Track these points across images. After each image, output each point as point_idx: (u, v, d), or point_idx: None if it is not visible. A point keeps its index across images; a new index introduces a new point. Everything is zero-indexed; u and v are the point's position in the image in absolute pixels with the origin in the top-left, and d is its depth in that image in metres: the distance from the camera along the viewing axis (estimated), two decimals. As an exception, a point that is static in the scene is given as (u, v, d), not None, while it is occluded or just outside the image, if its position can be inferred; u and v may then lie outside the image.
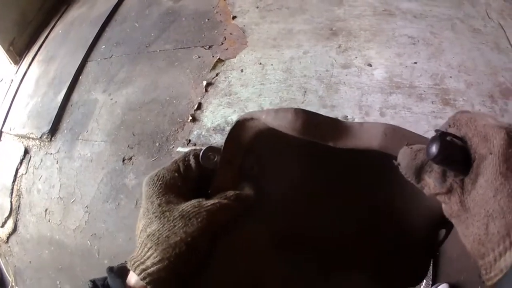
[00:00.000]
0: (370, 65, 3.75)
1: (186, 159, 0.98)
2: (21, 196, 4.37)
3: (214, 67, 4.09)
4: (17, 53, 5.64)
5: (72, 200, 3.95)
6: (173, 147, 3.71)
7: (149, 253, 0.80)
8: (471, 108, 3.45)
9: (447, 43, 3.94)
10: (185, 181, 0.96)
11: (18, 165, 4.53)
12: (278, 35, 4.23)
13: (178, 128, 3.80)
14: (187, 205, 0.86)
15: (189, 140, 3.67)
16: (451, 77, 3.60)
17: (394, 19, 4.22)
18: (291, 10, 4.46)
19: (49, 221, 4.04)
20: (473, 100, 3.50)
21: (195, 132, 3.71)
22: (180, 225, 0.82)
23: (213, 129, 3.68)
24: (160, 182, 0.92)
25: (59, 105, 4.54)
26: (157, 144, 3.78)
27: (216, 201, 0.88)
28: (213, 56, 4.20)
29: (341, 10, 4.38)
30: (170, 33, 4.64)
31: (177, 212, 0.85)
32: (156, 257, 0.79)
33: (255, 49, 4.15)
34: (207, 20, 4.61)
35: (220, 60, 4.12)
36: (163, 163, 3.51)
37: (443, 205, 0.75)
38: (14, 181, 4.49)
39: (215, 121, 3.73)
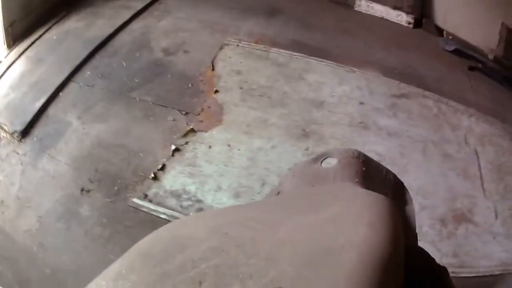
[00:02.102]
0: (331, 173, 3.93)
1: None
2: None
3: (185, 135, 4.28)
4: (13, 37, 5.63)
5: (29, 205, 4.01)
6: (130, 196, 3.86)
7: None
8: (419, 229, 3.47)
9: (413, 166, 4.13)
10: None
11: (-16, 148, 4.54)
12: (253, 122, 4.43)
13: (138, 181, 3.96)
14: None
15: (146, 195, 3.84)
16: (405, 198, 3.77)
17: (368, 133, 4.40)
18: (272, 101, 4.67)
19: (3, 213, 4.08)
20: (422, 222, 3.63)
21: (153, 190, 3.88)
22: None
23: (170, 193, 3.87)
24: None
25: (35, 112, 4.61)
26: (116, 188, 3.93)
27: None
28: (187, 124, 4.38)
29: (319, 113, 4.57)
30: (153, 85, 4.79)
31: None
32: None
33: (228, 130, 4.35)
34: (190, 85, 4.79)
35: (192, 130, 4.31)
36: (118, 207, 3.65)
37: None
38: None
39: (174, 186, 3.91)
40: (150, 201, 3.82)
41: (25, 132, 4.50)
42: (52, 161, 4.20)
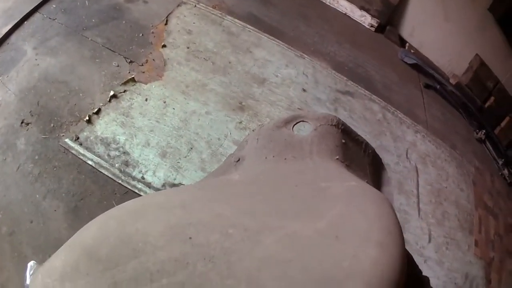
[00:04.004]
0: (260, 151, 3.75)
1: None
2: None
3: (125, 83, 4.04)
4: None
5: None
6: (63, 135, 3.63)
7: None
8: None
9: None
10: None
11: None
12: (192, 84, 4.21)
13: (73, 121, 3.73)
14: None
15: (78, 137, 3.63)
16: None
17: None
18: (215, 67, 4.43)
19: None
20: None
21: (85, 133, 3.67)
22: None
23: (100, 139, 3.66)
24: None
25: (0, 37, 4.32)
26: (51, 125, 3.70)
27: None
28: (129, 72, 4.15)
29: (259, 90, 4.35)
30: (107, 28, 4.51)
31: None
32: None
33: (167, 86, 4.13)
34: (141, 35, 4.53)
35: (133, 80, 4.08)
36: (51, 145, 3.40)
37: None
38: None
39: (105, 133, 3.71)
40: (80, 144, 3.60)
41: (-13, 57, 4.24)
42: (2, 89, 3.94)
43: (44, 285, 1.05)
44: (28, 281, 1.17)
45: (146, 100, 3.95)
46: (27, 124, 3.67)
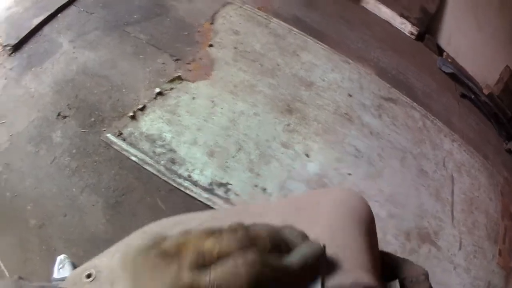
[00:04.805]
0: (307, 155, 3.69)
1: None
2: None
3: (171, 81, 3.88)
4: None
5: (2, 122, 3.53)
6: (105, 130, 3.44)
7: None
8: (382, 235, 3.39)
9: (389, 170, 3.87)
10: None
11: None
12: (240, 85, 4.07)
13: (116, 116, 3.55)
14: None
15: (121, 133, 3.44)
16: (376, 201, 3.55)
17: (351, 126, 4.10)
18: (263, 69, 4.31)
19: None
20: (387, 230, 3.46)
21: (129, 129, 3.48)
22: None
23: (145, 136, 3.47)
24: None
25: (31, 28, 4.13)
26: (92, 119, 3.51)
27: None
28: (175, 70, 3.99)
29: (307, 93, 4.25)
30: (150, 25, 4.35)
31: None
32: None
33: (215, 85, 3.97)
34: (187, 33, 4.38)
35: (179, 78, 3.92)
36: (91, 139, 3.23)
37: None
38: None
39: (151, 130, 3.52)
40: (124, 139, 3.41)
41: (17, 47, 4.01)
42: (36, 80, 3.73)
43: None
44: (55, 275, 1.13)
45: (194, 98, 3.79)
46: (64, 117, 3.48)
